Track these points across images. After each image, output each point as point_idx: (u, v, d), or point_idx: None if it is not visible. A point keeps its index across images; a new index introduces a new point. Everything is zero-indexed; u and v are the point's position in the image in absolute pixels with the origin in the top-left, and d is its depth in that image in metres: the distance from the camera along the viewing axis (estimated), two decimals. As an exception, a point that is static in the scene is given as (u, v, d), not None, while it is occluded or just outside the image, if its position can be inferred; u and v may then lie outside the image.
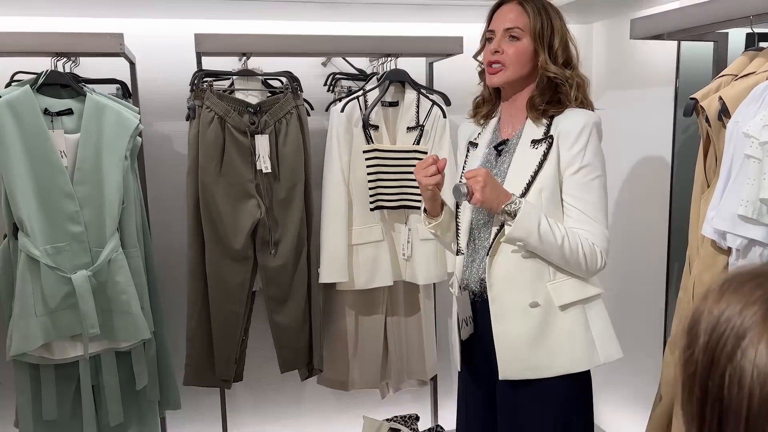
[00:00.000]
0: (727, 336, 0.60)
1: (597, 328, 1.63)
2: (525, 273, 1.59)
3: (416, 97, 2.36)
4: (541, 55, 1.60)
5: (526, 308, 1.59)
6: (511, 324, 1.60)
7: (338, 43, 2.34)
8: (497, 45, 1.61)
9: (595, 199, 1.59)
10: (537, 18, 1.60)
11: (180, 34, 2.32)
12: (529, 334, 1.59)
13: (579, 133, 1.56)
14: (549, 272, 1.60)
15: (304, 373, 2.43)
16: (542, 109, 1.61)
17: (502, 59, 1.61)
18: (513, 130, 1.68)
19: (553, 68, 1.59)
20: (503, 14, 1.63)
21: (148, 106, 2.41)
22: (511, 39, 1.61)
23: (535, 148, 1.60)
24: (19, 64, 2.17)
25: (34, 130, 1.94)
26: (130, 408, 2.19)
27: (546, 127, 1.61)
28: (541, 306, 1.59)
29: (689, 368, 0.63)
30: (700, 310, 0.64)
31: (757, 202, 1.49)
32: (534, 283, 1.59)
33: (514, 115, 1.68)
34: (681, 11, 1.92)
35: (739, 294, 0.62)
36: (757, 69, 1.66)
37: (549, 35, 1.61)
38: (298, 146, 2.26)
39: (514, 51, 1.60)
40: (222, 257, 2.23)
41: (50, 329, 1.98)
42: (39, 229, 1.95)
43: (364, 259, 2.35)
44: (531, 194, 1.57)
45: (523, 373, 1.60)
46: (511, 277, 1.60)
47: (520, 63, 1.61)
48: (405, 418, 2.59)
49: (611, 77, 2.74)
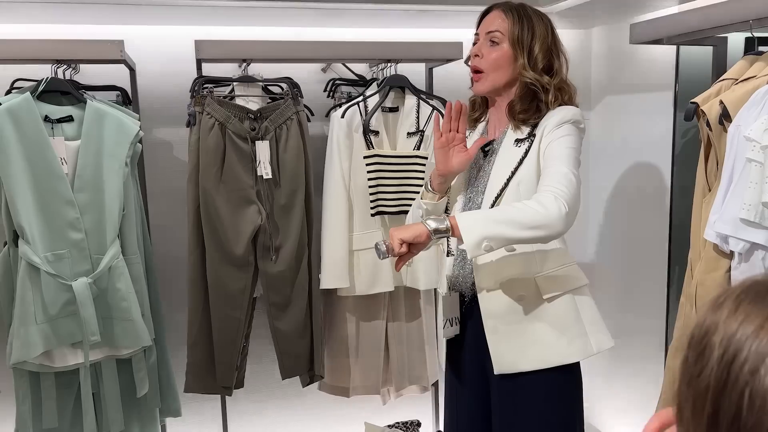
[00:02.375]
0: (747, 352, 0.56)
1: (587, 318, 1.65)
2: (512, 268, 1.61)
3: (416, 102, 2.37)
4: (519, 60, 1.61)
5: (515, 302, 1.61)
6: (502, 318, 1.62)
7: (338, 48, 2.34)
8: (477, 48, 1.65)
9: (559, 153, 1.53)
10: (517, 23, 1.62)
11: (180, 41, 2.32)
12: (520, 327, 1.61)
13: (558, 122, 1.57)
14: (536, 265, 1.62)
15: (306, 380, 2.42)
16: (522, 118, 1.61)
17: (481, 64, 1.64)
18: (499, 132, 1.71)
19: (530, 74, 1.60)
20: (488, 20, 1.67)
21: (148, 113, 2.41)
22: (491, 44, 1.63)
23: (518, 146, 1.62)
24: (20, 71, 2.17)
25: (34, 138, 1.94)
26: (130, 415, 2.18)
27: (531, 127, 1.62)
28: (529, 299, 1.61)
29: (700, 384, 0.59)
30: (712, 322, 0.60)
31: (759, 205, 1.50)
32: (522, 276, 1.61)
33: (501, 119, 1.71)
34: (680, 16, 1.93)
35: (758, 306, 0.58)
36: (758, 73, 1.66)
37: (529, 41, 1.61)
38: (298, 152, 2.26)
39: (492, 56, 1.62)
40: (223, 263, 2.23)
41: (50, 337, 1.98)
42: (39, 237, 1.95)
43: (365, 264, 2.34)
44: (509, 189, 1.59)
45: (517, 366, 1.62)
46: (499, 271, 1.62)
47: (499, 68, 1.62)
48: (406, 424, 2.59)
49: (611, 82, 2.75)
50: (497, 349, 1.63)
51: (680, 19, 1.91)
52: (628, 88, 2.65)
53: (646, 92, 2.54)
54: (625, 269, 2.65)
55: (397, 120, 2.39)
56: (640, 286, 2.62)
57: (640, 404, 2.61)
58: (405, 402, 2.71)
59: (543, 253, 1.63)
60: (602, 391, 2.84)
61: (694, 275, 1.80)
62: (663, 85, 2.41)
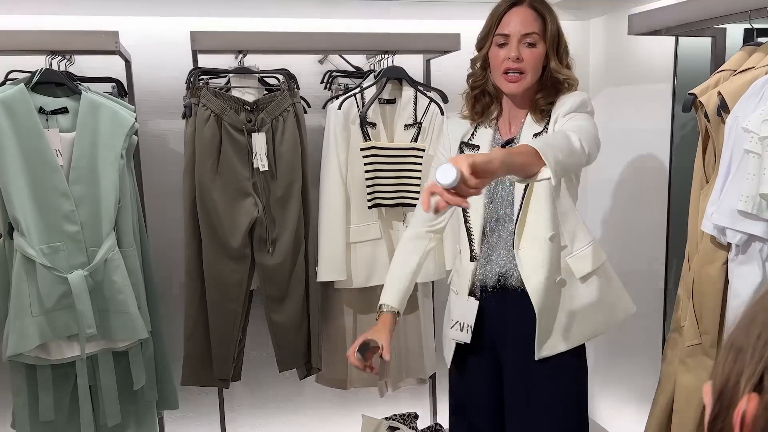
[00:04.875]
0: None
1: (613, 288, 1.76)
2: (548, 253, 1.64)
3: (414, 94, 2.36)
4: (552, 60, 1.63)
5: (558, 286, 1.67)
6: (551, 306, 1.66)
7: (335, 40, 2.33)
8: (516, 51, 1.60)
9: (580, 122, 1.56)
10: (549, 23, 1.62)
11: (175, 32, 2.31)
12: (564, 309, 1.68)
13: (570, 104, 1.62)
14: (568, 248, 1.68)
15: (303, 372, 2.42)
16: (543, 109, 1.65)
17: (522, 66, 1.61)
18: (515, 128, 1.70)
19: (564, 71, 1.65)
20: (517, 19, 1.62)
21: (143, 105, 2.39)
22: (528, 45, 1.61)
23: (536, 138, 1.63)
24: (14, 62, 2.15)
25: (29, 129, 1.93)
26: (127, 408, 2.18)
27: (546, 122, 1.65)
28: (567, 281, 1.68)
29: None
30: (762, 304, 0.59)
31: (756, 197, 1.49)
32: (557, 260, 1.66)
33: (516, 115, 1.70)
34: (679, 6, 1.92)
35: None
36: (756, 64, 1.65)
37: (558, 39, 1.64)
38: (295, 144, 2.25)
39: (532, 57, 1.61)
40: (219, 256, 2.22)
41: (46, 329, 1.97)
42: (35, 229, 1.94)
43: (362, 257, 2.34)
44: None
45: (556, 348, 1.68)
46: (543, 262, 1.64)
47: (537, 69, 1.64)
48: (404, 417, 2.59)
49: (609, 73, 2.74)
50: (541, 337, 1.67)
51: (679, 10, 1.90)
52: (626, 80, 2.64)
53: (645, 84, 2.53)
54: (622, 261, 2.64)
55: (394, 112, 2.37)
56: (637, 277, 2.61)
57: (637, 396, 2.62)
58: (402, 394, 2.71)
59: (571, 235, 1.68)
60: (599, 382, 2.85)
61: (691, 267, 1.80)
62: (661, 77, 2.40)
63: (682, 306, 1.84)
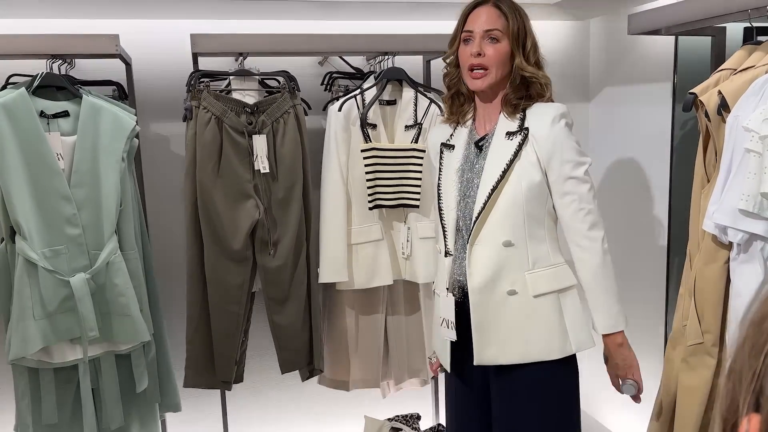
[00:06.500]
0: None
1: (570, 317, 1.68)
2: (505, 261, 1.63)
3: (414, 95, 2.36)
4: (517, 57, 1.65)
5: (505, 296, 1.63)
6: (490, 311, 1.65)
7: (335, 41, 2.33)
8: (478, 47, 1.64)
9: (584, 191, 1.65)
10: (514, 20, 1.65)
11: (176, 35, 2.31)
12: (506, 321, 1.65)
13: (551, 125, 1.62)
14: (528, 262, 1.65)
15: (305, 374, 2.42)
16: (515, 104, 1.67)
17: (485, 62, 1.64)
18: (489, 126, 1.72)
19: (529, 68, 1.66)
20: (481, 16, 1.67)
21: (144, 108, 2.40)
22: (490, 41, 1.65)
23: (510, 140, 1.65)
24: (15, 66, 2.15)
25: (30, 133, 1.93)
26: (130, 411, 2.18)
27: (520, 120, 1.66)
28: (518, 294, 1.64)
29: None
30: None
31: (758, 196, 1.49)
32: (513, 271, 1.64)
33: (490, 113, 1.73)
34: (678, 6, 1.92)
35: None
36: (756, 63, 1.66)
37: (524, 37, 1.66)
38: (296, 146, 2.25)
39: (495, 53, 1.64)
40: (221, 258, 2.22)
41: (49, 333, 1.97)
42: (36, 232, 1.94)
43: (364, 258, 2.34)
44: (510, 183, 1.62)
45: (497, 359, 1.66)
46: (491, 264, 1.64)
47: (501, 64, 1.66)
48: (406, 418, 2.59)
49: (609, 73, 2.74)
50: (481, 340, 1.65)
51: (679, 9, 1.90)
52: (626, 79, 2.64)
53: (645, 83, 2.53)
54: (624, 261, 2.64)
55: (394, 113, 2.38)
56: (639, 277, 2.61)
57: (639, 396, 2.61)
58: (405, 395, 2.71)
59: (535, 251, 1.65)
60: (601, 382, 2.84)
61: (693, 266, 1.80)
62: (661, 76, 2.40)
63: (683, 305, 1.84)
